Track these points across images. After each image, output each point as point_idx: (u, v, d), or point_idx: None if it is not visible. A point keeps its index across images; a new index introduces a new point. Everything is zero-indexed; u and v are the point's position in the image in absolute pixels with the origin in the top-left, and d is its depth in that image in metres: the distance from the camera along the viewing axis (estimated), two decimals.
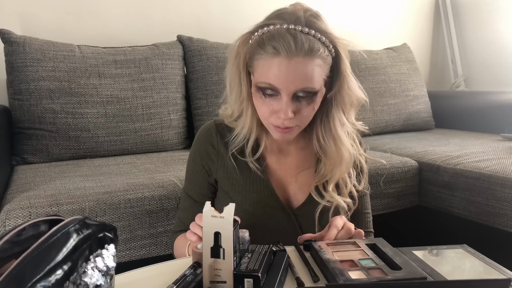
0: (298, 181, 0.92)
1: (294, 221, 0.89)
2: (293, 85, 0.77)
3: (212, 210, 0.61)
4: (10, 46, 1.56)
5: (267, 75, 0.78)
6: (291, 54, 0.76)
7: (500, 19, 2.48)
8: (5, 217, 1.05)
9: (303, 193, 0.91)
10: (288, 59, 0.76)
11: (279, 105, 0.79)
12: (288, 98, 0.78)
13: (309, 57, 0.77)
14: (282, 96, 0.78)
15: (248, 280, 0.59)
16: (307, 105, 0.80)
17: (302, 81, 0.77)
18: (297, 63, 0.76)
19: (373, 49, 2.34)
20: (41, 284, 0.42)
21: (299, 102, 0.79)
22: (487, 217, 1.42)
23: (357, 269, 0.64)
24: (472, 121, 2.24)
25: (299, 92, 0.78)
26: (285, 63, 0.76)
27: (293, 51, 0.75)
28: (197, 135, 0.96)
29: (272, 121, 0.81)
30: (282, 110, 0.78)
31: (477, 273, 0.67)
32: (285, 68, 0.76)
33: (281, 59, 0.76)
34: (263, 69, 0.78)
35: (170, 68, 1.79)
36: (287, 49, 0.75)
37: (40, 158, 1.55)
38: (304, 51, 0.76)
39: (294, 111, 0.79)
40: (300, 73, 0.77)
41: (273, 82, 0.77)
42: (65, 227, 0.47)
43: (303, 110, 0.80)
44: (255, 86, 0.81)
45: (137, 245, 1.20)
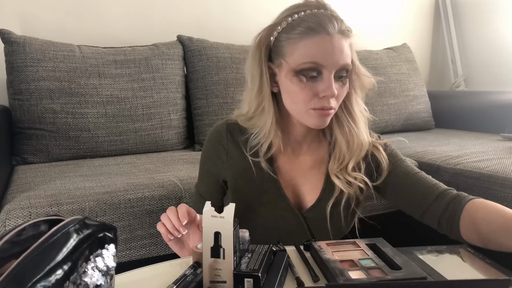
0: (309, 182, 0.91)
1: (303, 224, 0.89)
2: (338, 61, 0.78)
3: (212, 210, 0.61)
4: (10, 46, 1.56)
5: (311, 54, 0.77)
6: (333, 31, 0.77)
7: (500, 19, 2.48)
8: (5, 217, 1.05)
9: (314, 194, 0.90)
10: (330, 35, 0.77)
11: (322, 85, 0.78)
12: (331, 76, 0.78)
13: (345, 37, 0.79)
14: (325, 75, 0.78)
15: (248, 280, 0.59)
16: (343, 85, 0.82)
17: (344, 57, 0.78)
18: (338, 39, 0.78)
19: (373, 49, 2.34)
20: (41, 284, 0.42)
21: (337, 82, 0.80)
22: None
23: (357, 269, 0.64)
24: (472, 121, 2.24)
25: (340, 70, 0.79)
26: (328, 38, 0.77)
27: (334, 28, 0.78)
28: (208, 135, 0.96)
29: (313, 104, 0.80)
30: (328, 88, 0.78)
31: (477, 273, 0.67)
32: (329, 44, 0.77)
33: (323, 35, 0.77)
34: (304, 49, 0.78)
35: (170, 68, 1.79)
36: (328, 26, 0.77)
37: (40, 158, 1.55)
38: (342, 31, 0.79)
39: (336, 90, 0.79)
40: (342, 48, 0.78)
41: (319, 60, 0.77)
42: (65, 227, 0.47)
43: (340, 92, 0.81)
44: (292, 71, 0.80)
45: (137, 245, 1.20)
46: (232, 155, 0.90)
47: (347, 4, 2.48)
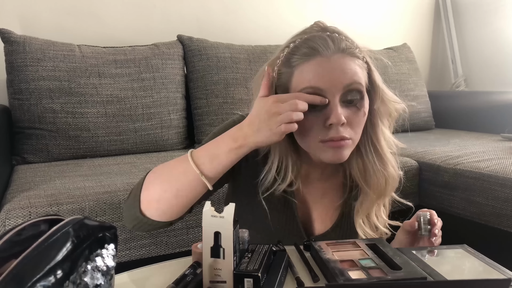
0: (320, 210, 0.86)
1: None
2: (340, 80, 0.69)
3: (212, 210, 0.61)
4: (10, 45, 1.56)
5: (307, 79, 0.70)
6: (330, 52, 0.70)
7: (500, 19, 2.48)
8: (5, 216, 1.05)
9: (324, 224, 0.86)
10: (328, 57, 0.70)
11: (326, 112, 0.70)
12: (337, 101, 0.69)
13: (349, 56, 0.72)
14: (331, 101, 0.70)
15: (248, 280, 0.59)
16: (358, 110, 0.72)
17: (348, 75, 0.70)
18: (338, 59, 0.70)
19: (373, 49, 2.34)
20: (41, 284, 0.42)
21: (348, 108, 0.71)
22: (487, 217, 1.42)
23: (357, 269, 0.64)
24: (472, 121, 2.24)
25: (347, 92, 0.70)
26: (325, 60, 0.70)
27: (332, 48, 0.70)
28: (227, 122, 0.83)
29: (321, 136, 0.71)
30: (334, 114, 0.69)
31: (477, 273, 0.67)
32: (326, 65, 0.70)
33: (320, 57, 0.70)
34: (300, 75, 0.71)
35: (170, 67, 1.79)
36: (325, 47, 0.70)
37: (40, 158, 1.55)
38: (343, 49, 0.71)
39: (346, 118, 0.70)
40: (344, 67, 0.70)
41: (316, 84, 0.69)
42: (65, 226, 0.47)
43: (354, 117, 0.71)
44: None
45: (137, 245, 1.20)
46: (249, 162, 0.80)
47: (347, 4, 2.48)
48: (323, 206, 0.86)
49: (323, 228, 0.86)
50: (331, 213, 0.86)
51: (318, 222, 0.87)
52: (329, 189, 0.86)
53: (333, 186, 0.86)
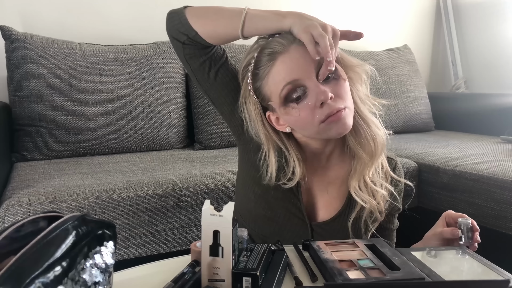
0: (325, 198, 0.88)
1: (308, 233, 0.86)
2: (308, 65, 0.74)
3: (212, 208, 0.61)
4: (11, 43, 1.56)
5: (282, 79, 0.76)
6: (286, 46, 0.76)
7: (501, 22, 2.48)
8: (4, 213, 1.05)
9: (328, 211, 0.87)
10: (286, 51, 0.76)
11: (313, 96, 0.75)
12: (315, 82, 0.74)
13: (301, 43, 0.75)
14: (310, 86, 0.75)
15: (247, 279, 0.59)
16: (337, 82, 0.76)
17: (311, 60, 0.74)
18: (295, 48, 0.75)
19: (374, 50, 2.34)
20: (40, 281, 0.42)
21: (328, 83, 0.75)
22: (486, 219, 1.42)
23: (356, 269, 0.64)
24: (472, 123, 2.24)
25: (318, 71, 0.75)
26: (286, 55, 0.76)
27: (285, 43, 0.76)
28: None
29: (319, 116, 0.75)
30: (319, 94, 0.74)
31: (475, 274, 0.67)
32: (289, 58, 0.75)
33: (281, 55, 0.76)
34: (274, 79, 0.77)
35: (170, 66, 1.79)
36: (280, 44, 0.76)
37: (40, 155, 1.55)
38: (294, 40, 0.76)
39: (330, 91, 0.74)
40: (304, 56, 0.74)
41: (291, 77, 0.75)
42: (64, 223, 0.47)
43: (337, 87, 0.76)
44: (281, 105, 0.77)
45: (136, 243, 1.20)
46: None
47: (348, 5, 2.48)
48: (329, 195, 0.88)
49: (327, 216, 0.88)
50: (336, 203, 0.87)
51: (322, 210, 0.88)
52: (335, 178, 0.88)
53: (339, 176, 0.88)
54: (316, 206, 0.88)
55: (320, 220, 0.88)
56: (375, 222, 0.87)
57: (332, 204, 0.88)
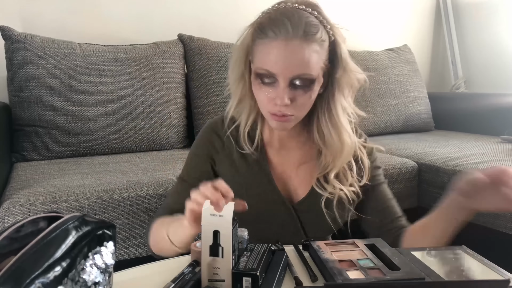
0: (299, 176, 0.91)
1: (294, 216, 0.89)
2: (290, 70, 0.76)
3: (211, 208, 0.61)
4: (11, 43, 1.56)
5: (265, 61, 0.78)
6: (287, 36, 0.75)
7: (501, 22, 2.48)
8: (4, 213, 1.05)
9: (304, 188, 0.91)
10: (285, 42, 0.75)
11: (275, 92, 0.78)
12: (285, 85, 0.77)
13: (306, 42, 0.76)
14: (279, 83, 0.77)
15: (247, 279, 0.59)
16: (304, 93, 0.79)
17: (299, 66, 0.76)
18: (294, 47, 0.76)
19: (374, 50, 2.34)
20: (40, 281, 0.42)
21: (296, 90, 0.78)
22: (486, 219, 1.42)
23: (356, 269, 0.64)
24: (472, 123, 2.24)
25: (296, 79, 0.77)
26: (281, 46, 0.76)
27: (290, 33, 0.75)
28: (204, 126, 0.96)
29: (270, 108, 0.80)
30: (279, 96, 0.77)
31: (475, 274, 0.67)
32: (282, 52, 0.76)
33: (278, 42, 0.76)
34: (261, 55, 0.79)
35: (170, 66, 1.79)
36: (285, 32, 0.75)
37: (40, 156, 1.55)
38: (301, 33, 0.76)
39: (290, 98, 0.78)
40: (297, 57, 0.76)
41: (270, 68, 0.77)
42: (64, 224, 0.47)
43: (300, 98, 0.79)
44: (254, 73, 0.81)
45: (136, 243, 1.20)
46: (227, 147, 0.91)
47: (348, 5, 2.48)
48: (302, 173, 0.91)
49: (303, 193, 0.90)
50: (310, 179, 0.90)
51: (298, 188, 0.91)
52: (306, 156, 0.92)
53: (310, 154, 0.92)
54: (292, 186, 0.91)
55: (299, 199, 0.90)
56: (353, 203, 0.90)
57: (306, 181, 0.90)
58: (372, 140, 1.41)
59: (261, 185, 0.89)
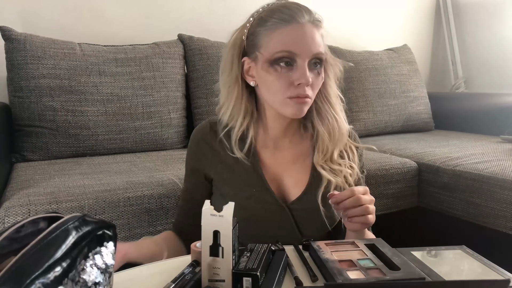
0: (292, 176, 0.92)
1: (288, 216, 0.89)
2: (311, 48, 0.80)
3: (211, 208, 0.61)
4: (11, 43, 1.56)
5: (284, 43, 0.80)
6: (303, 20, 0.81)
7: (501, 21, 2.48)
8: (4, 214, 1.05)
9: (298, 187, 0.91)
10: (301, 24, 0.80)
11: (297, 73, 0.81)
12: (305, 64, 0.81)
13: (315, 24, 0.82)
14: (299, 64, 0.80)
15: (247, 279, 0.59)
16: (318, 75, 0.84)
17: (316, 45, 0.81)
18: (309, 28, 0.81)
19: (374, 50, 2.34)
20: (40, 281, 0.42)
21: (312, 71, 0.82)
22: (486, 219, 1.42)
23: (356, 269, 0.64)
24: (472, 122, 2.24)
25: (313, 59, 0.82)
26: (299, 27, 0.80)
27: (304, 17, 0.81)
28: (192, 134, 0.97)
29: (289, 93, 0.82)
30: (303, 76, 0.80)
31: (475, 274, 0.67)
32: (301, 32, 0.80)
33: (295, 25, 0.80)
34: (277, 38, 0.81)
35: (170, 66, 1.79)
36: (299, 16, 0.81)
37: (40, 156, 1.55)
38: (313, 20, 0.82)
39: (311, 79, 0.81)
40: (314, 37, 0.81)
41: (292, 48, 0.80)
42: (64, 224, 0.47)
43: (315, 81, 0.83)
44: (267, 62, 0.82)
45: None
46: (216, 152, 0.92)
47: (348, 5, 2.48)
48: (295, 171, 0.92)
49: (298, 192, 0.91)
50: (304, 178, 0.92)
51: (292, 187, 0.91)
52: (299, 155, 0.93)
53: (303, 151, 0.94)
54: (286, 185, 0.92)
55: (293, 198, 0.90)
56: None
57: (300, 180, 0.91)
58: (372, 139, 1.44)
59: (254, 187, 0.90)
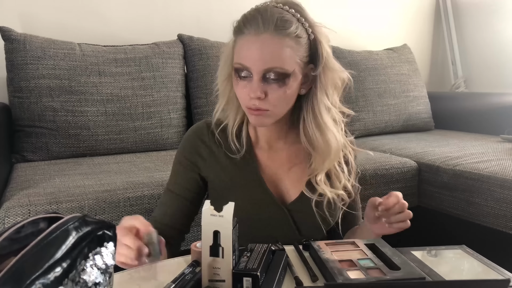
0: (290, 177, 0.91)
1: (287, 216, 0.89)
2: (262, 63, 0.77)
3: (211, 209, 0.61)
4: (11, 43, 1.56)
5: (239, 56, 0.80)
6: (258, 31, 0.77)
7: (501, 21, 2.48)
8: (5, 214, 1.05)
9: (296, 188, 0.91)
10: (256, 36, 0.78)
11: (249, 86, 0.80)
12: (257, 78, 0.78)
13: (278, 36, 0.77)
14: (254, 76, 0.79)
15: (247, 279, 0.59)
16: (278, 88, 0.79)
17: (270, 59, 0.77)
18: (264, 40, 0.77)
19: (373, 50, 2.34)
20: (40, 282, 0.42)
21: (269, 84, 0.79)
22: (486, 218, 1.43)
23: (356, 269, 0.64)
24: (472, 122, 2.24)
25: (268, 72, 0.78)
26: (253, 40, 0.78)
27: (261, 27, 0.77)
28: (188, 132, 0.95)
29: (246, 103, 0.82)
30: (252, 89, 0.79)
31: (475, 273, 0.67)
32: (252, 45, 0.78)
33: (249, 37, 0.79)
34: (237, 50, 0.81)
35: (170, 67, 1.79)
36: (255, 26, 0.78)
37: (40, 156, 1.55)
38: (272, 28, 0.77)
39: (264, 91, 0.79)
40: (268, 50, 0.77)
41: (243, 61, 0.79)
42: (64, 224, 0.47)
43: (274, 92, 0.79)
44: (233, 69, 0.83)
45: None
46: (213, 153, 0.90)
47: (347, 4, 2.48)
48: (293, 174, 0.91)
49: (296, 193, 0.90)
50: (302, 178, 0.90)
51: (290, 189, 0.91)
52: (296, 157, 0.92)
53: (300, 155, 0.92)
54: (284, 187, 0.91)
55: (291, 199, 0.90)
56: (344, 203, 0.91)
57: (297, 182, 0.90)
58: (372, 139, 1.45)
59: (251, 187, 0.89)
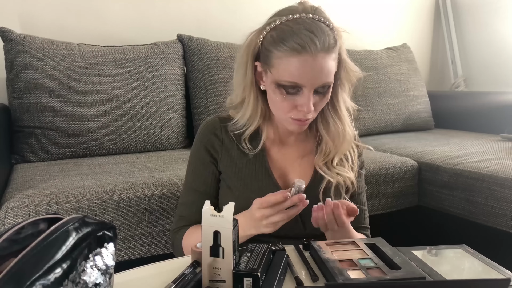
0: (298, 170, 0.95)
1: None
2: (317, 81, 0.81)
3: (212, 209, 0.61)
4: (10, 44, 1.56)
5: (291, 74, 0.81)
6: (315, 50, 0.79)
7: (500, 20, 2.48)
8: (5, 215, 1.05)
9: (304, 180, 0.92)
10: (313, 56, 0.79)
11: (301, 100, 0.83)
12: (310, 94, 0.82)
13: (328, 53, 0.81)
14: (304, 92, 0.82)
15: (247, 279, 0.59)
16: (323, 97, 0.85)
17: (324, 76, 0.82)
18: (321, 60, 0.80)
19: (373, 49, 2.34)
20: (40, 283, 0.42)
21: (317, 95, 0.84)
22: (486, 217, 1.42)
23: (356, 268, 0.64)
24: (472, 121, 2.24)
25: (319, 87, 0.82)
26: (309, 60, 0.79)
27: (318, 47, 0.79)
28: (200, 128, 0.98)
29: (292, 115, 0.85)
30: (305, 105, 0.82)
31: (476, 273, 0.67)
32: (310, 65, 0.80)
33: (305, 57, 0.79)
34: (286, 67, 0.81)
35: (170, 67, 1.79)
36: (311, 47, 0.79)
37: (40, 157, 1.55)
38: (326, 48, 0.80)
39: (313, 104, 0.83)
40: (322, 69, 0.81)
41: (298, 80, 0.81)
42: (64, 225, 0.47)
43: (320, 103, 0.85)
44: (275, 83, 0.83)
45: (136, 244, 1.20)
46: (226, 146, 0.94)
47: (347, 4, 2.48)
48: (301, 166, 0.96)
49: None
50: (308, 173, 0.95)
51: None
52: (304, 152, 0.97)
53: (307, 148, 0.97)
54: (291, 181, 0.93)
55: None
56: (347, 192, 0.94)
57: (304, 176, 0.94)
58: (372, 139, 1.45)
59: (260, 180, 0.92)
